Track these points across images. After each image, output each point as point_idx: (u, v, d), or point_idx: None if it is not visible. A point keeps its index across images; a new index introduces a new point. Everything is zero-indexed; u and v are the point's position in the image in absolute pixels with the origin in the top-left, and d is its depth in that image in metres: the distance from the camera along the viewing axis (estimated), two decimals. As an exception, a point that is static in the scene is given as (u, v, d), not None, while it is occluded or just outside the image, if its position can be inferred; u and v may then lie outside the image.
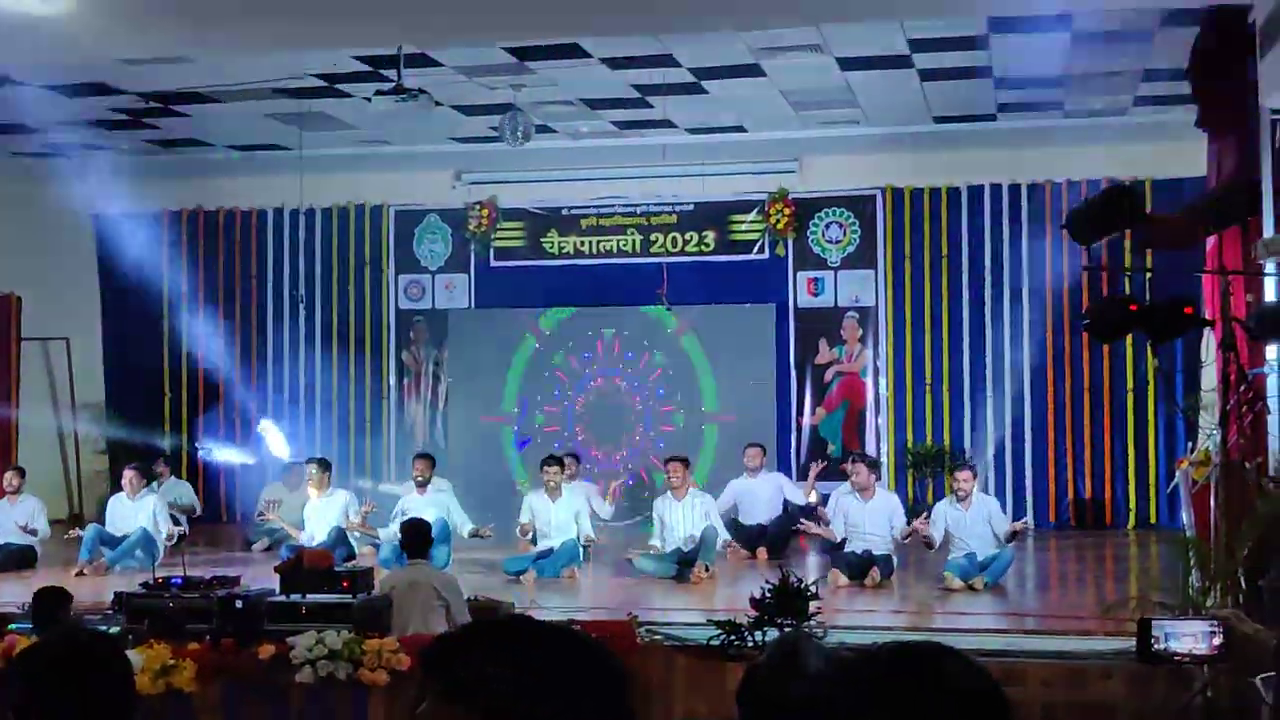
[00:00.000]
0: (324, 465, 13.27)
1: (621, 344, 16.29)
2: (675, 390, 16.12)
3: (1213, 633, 6.39)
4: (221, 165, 16.96)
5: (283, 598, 9.24)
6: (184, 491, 15.25)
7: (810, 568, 12.10)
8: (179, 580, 9.55)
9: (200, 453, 16.44)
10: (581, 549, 12.43)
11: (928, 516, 11.72)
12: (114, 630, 8.43)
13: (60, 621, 8.13)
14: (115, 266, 17.36)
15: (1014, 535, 11.67)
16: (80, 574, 12.23)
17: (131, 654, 7.72)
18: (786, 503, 13.76)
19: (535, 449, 15.31)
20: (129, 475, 13.25)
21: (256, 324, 17.25)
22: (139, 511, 13.01)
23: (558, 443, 16.03)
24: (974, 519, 11.45)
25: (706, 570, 11.78)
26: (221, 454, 16.22)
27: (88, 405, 17.28)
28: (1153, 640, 6.54)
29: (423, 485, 12.93)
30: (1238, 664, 6.50)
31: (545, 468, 12.70)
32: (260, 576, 10.33)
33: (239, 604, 9.02)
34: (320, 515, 12.93)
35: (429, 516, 10.78)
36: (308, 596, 9.13)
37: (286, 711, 8.14)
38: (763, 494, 13.72)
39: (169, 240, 17.41)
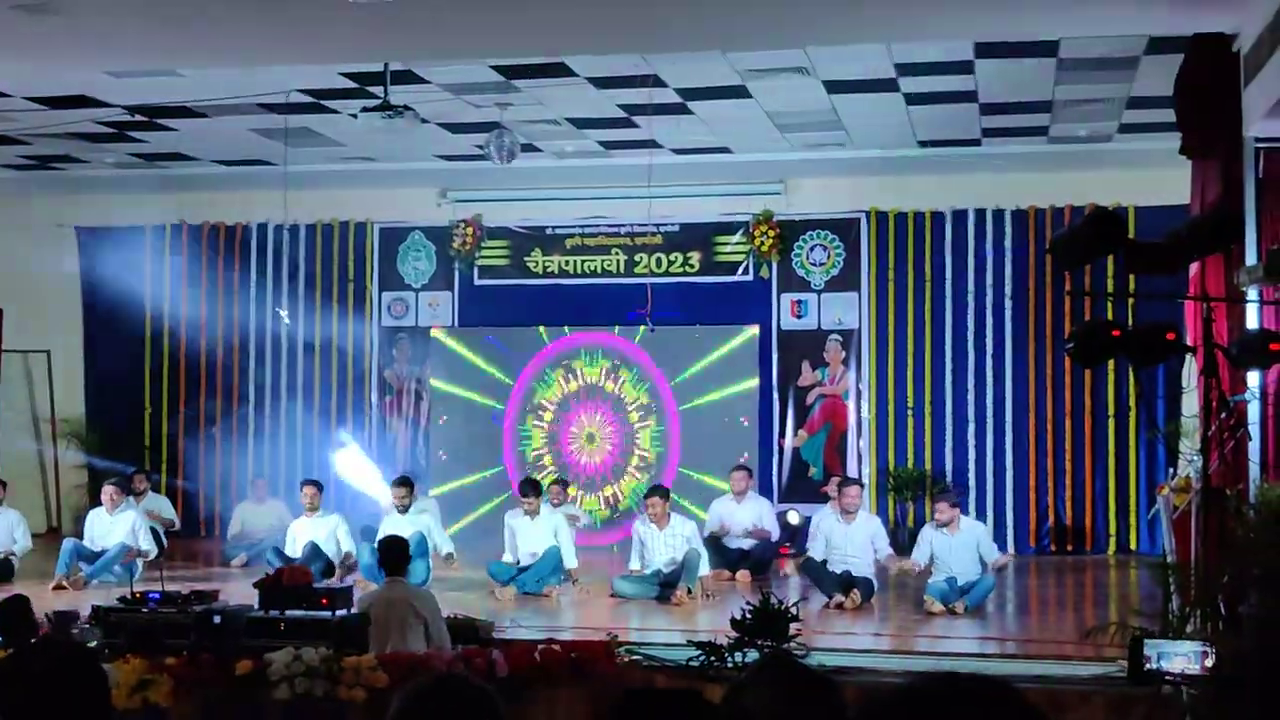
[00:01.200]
0: (318, 487, 13.29)
1: (605, 364, 16.27)
2: (654, 410, 16.11)
3: (1205, 653, 6.41)
4: (206, 180, 16.94)
5: (261, 614, 9.20)
6: (163, 506, 15.22)
7: (791, 589, 12.07)
8: (157, 595, 9.53)
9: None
10: (565, 571, 12.40)
11: (911, 561, 11.79)
12: (91, 644, 8.39)
13: (27, 629, 8.11)
14: (98, 280, 17.31)
15: (1000, 569, 11.71)
16: (59, 588, 12.18)
17: (108, 668, 7.68)
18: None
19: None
20: (108, 491, 13.18)
21: (239, 339, 17.19)
22: (117, 526, 12.96)
23: (539, 460, 16.09)
24: (960, 545, 11.46)
25: (689, 593, 11.74)
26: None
27: (68, 419, 17.22)
28: (1145, 660, 6.55)
29: (403, 511, 12.86)
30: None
31: (523, 497, 12.66)
32: (239, 592, 10.30)
33: (217, 619, 8.99)
34: (308, 534, 12.90)
35: (407, 534, 10.76)
36: (286, 613, 9.09)
37: (263, 728, 8.09)
38: (745, 520, 13.66)
39: (152, 254, 17.37)
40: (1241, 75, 10.06)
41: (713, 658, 8.35)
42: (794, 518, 14.47)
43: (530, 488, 12.73)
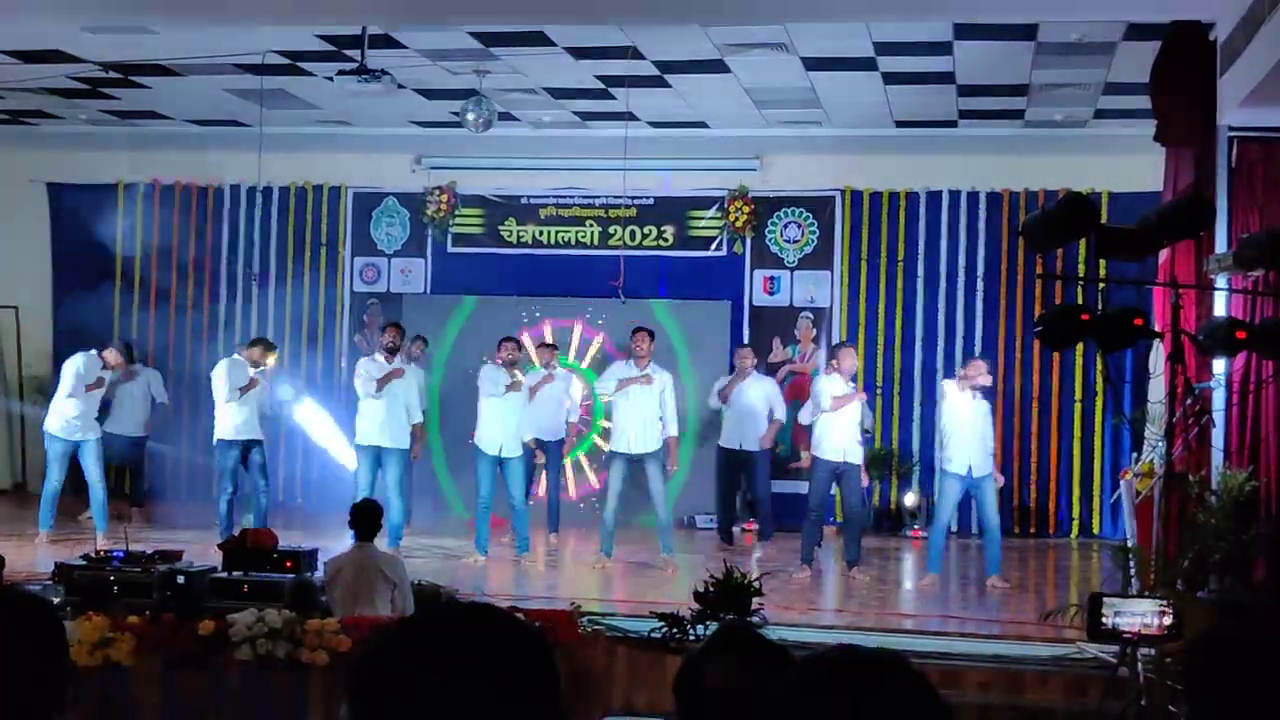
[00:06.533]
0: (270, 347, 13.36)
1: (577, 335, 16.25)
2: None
3: (1162, 612, 6.46)
4: (179, 139, 16.85)
5: (224, 575, 9.22)
6: (154, 379, 15.31)
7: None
8: (120, 554, 9.54)
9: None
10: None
11: None
12: (55, 600, 8.38)
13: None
14: (68, 236, 17.23)
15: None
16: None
17: (69, 625, 7.67)
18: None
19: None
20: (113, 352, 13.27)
21: (209, 300, 17.11)
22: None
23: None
24: (977, 411, 11.56)
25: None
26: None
27: (35, 376, 17.12)
28: (1103, 616, 6.62)
29: (392, 352, 12.88)
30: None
31: (504, 342, 12.74)
32: (203, 554, 10.31)
33: (180, 579, 9.01)
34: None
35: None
36: (250, 574, 9.11)
37: (224, 688, 8.10)
38: (756, 396, 13.57)
39: (124, 212, 17.28)
40: (1218, 64, 10.12)
41: (674, 629, 8.39)
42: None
43: (512, 339, 12.88)
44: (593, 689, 8.22)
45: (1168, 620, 6.52)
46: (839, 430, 11.83)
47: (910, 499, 15.23)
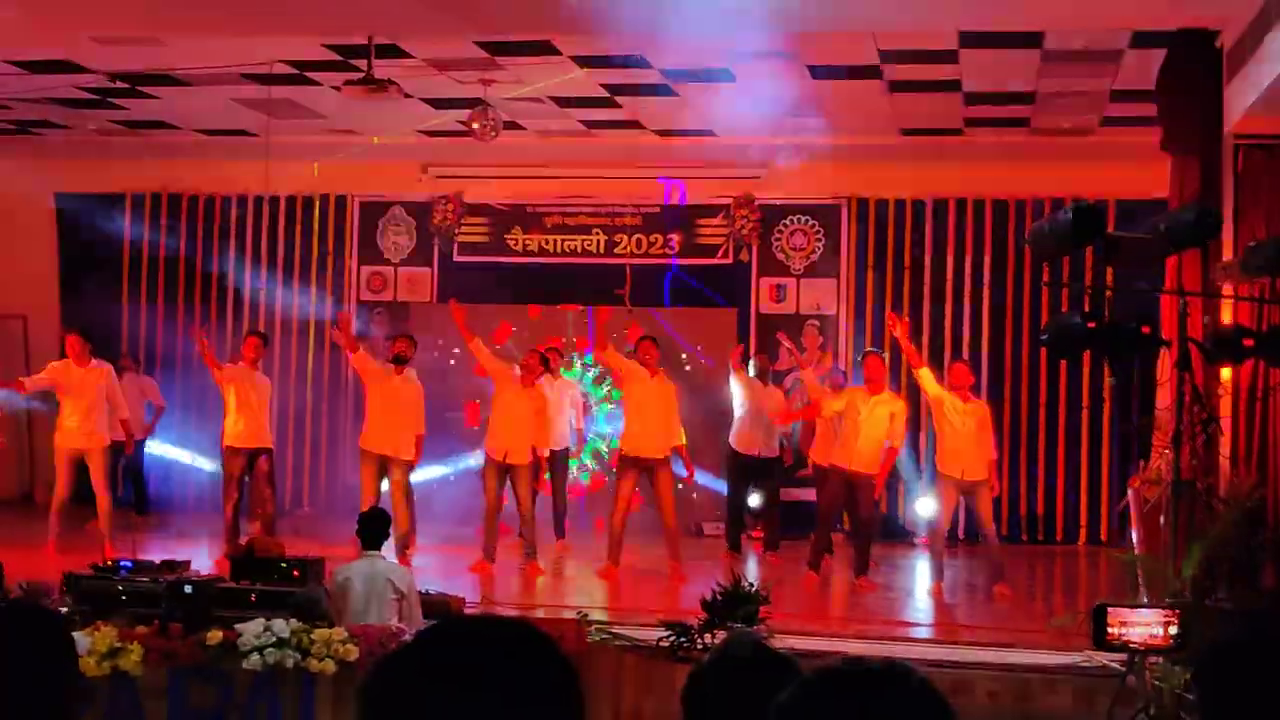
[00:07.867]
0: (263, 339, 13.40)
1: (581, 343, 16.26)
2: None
3: (1166, 622, 6.44)
4: (187, 149, 16.85)
5: (232, 584, 9.22)
6: (148, 385, 15.28)
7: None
8: (129, 563, 9.54)
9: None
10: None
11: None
12: (63, 610, 8.38)
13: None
14: (76, 246, 17.25)
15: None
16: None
17: (78, 636, 7.67)
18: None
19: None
20: (72, 339, 13.03)
21: (216, 309, 17.11)
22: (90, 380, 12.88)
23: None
24: (971, 415, 11.60)
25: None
26: None
27: (43, 385, 17.11)
28: (1108, 627, 6.60)
29: (401, 363, 12.77)
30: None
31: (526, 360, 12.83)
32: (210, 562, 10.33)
33: (188, 589, 9.01)
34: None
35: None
36: (257, 584, 9.11)
37: (232, 698, 8.09)
38: (771, 404, 13.75)
39: (131, 222, 17.31)
40: (1224, 72, 10.12)
41: (682, 638, 8.39)
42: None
43: (535, 353, 13.02)
44: (600, 699, 8.22)
45: (1173, 630, 6.51)
46: (852, 438, 11.84)
47: (919, 506, 15.19)
